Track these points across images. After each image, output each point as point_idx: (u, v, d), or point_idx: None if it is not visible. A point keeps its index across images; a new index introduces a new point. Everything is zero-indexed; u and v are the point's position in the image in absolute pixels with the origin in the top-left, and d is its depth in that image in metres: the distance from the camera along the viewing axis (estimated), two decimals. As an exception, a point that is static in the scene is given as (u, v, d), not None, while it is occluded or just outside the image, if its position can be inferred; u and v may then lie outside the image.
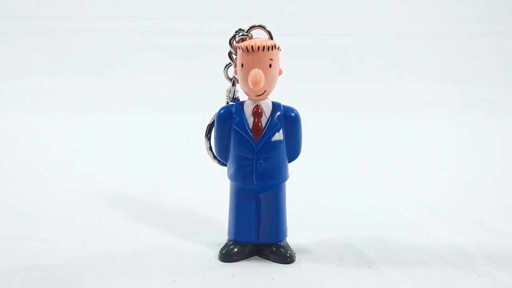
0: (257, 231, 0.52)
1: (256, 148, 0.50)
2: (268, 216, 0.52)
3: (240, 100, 0.52)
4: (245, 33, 0.49)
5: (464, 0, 1.23)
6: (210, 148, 0.54)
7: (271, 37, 0.49)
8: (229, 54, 0.51)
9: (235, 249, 0.52)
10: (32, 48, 1.22)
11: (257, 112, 0.50)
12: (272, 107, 0.50)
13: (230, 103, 0.52)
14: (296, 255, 0.53)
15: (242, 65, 0.48)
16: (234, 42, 0.50)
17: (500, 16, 1.23)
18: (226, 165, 0.53)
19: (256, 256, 0.53)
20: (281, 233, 0.53)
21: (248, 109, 0.50)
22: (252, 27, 0.49)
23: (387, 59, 1.22)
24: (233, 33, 0.50)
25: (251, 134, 0.50)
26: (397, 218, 0.65)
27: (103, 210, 0.67)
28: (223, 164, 0.54)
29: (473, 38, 1.23)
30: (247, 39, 0.49)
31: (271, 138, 0.50)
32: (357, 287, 0.47)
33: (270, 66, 0.48)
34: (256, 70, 0.47)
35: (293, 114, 0.51)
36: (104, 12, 1.23)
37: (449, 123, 1.12)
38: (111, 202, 0.70)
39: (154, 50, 1.22)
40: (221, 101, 0.53)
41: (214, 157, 0.54)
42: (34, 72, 1.21)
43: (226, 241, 0.54)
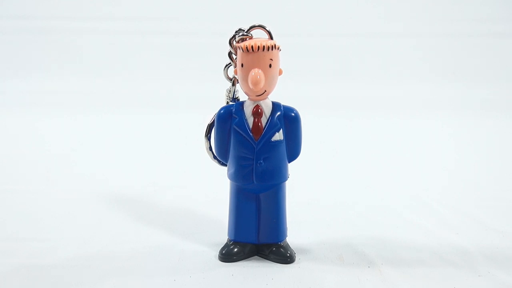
0: (257, 231, 0.52)
1: (256, 148, 0.50)
2: (268, 216, 0.52)
3: (240, 100, 0.52)
4: (245, 33, 0.49)
5: (464, 0, 1.23)
6: (210, 148, 0.54)
7: (271, 37, 0.49)
8: (229, 54, 0.51)
9: (235, 249, 0.52)
10: (32, 48, 1.22)
11: (257, 112, 0.50)
12: (272, 107, 0.50)
13: (230, 103, 0.52)
14: (296, 255, 0.53)
15: (242, 65, 0.48)
16: (234, 42, 0.50)
17: (500, 16, 1.23)
18: (226, 165, 0.53)
19: (256, 256, 0.53)
20: (281, 233, 0.53)
21: (248, 109, 0.50)
22: (252, 27, 0.49)
23: (387, 59, 1.22)
24: (233, 33, 0.50)
25: (251, 134, 0.50)
26: (397, 218, 0.65)
27: (103, 210, 0.67)
28: (223, 164, 0.54)
29: (473, 38, 1.23)
30: (247, 39, 0.49)
31: (271, 138, 0.50)
32: (357, 287, 0.47)
33: (270, 66, 0.48)
34: (256, 70, 0.47)
35: (293, 114, 0.51)
36: (104, 12, 1.23)
37: (449, 123, 1.12)
38: (111, 202, 0.70)
39: (154, 50, 1.22)
40: (221, 101, 0.53)
41: (214, 157, 0.54)
42: (34, 72, 1.21)
43: (226, 241, 0.54)
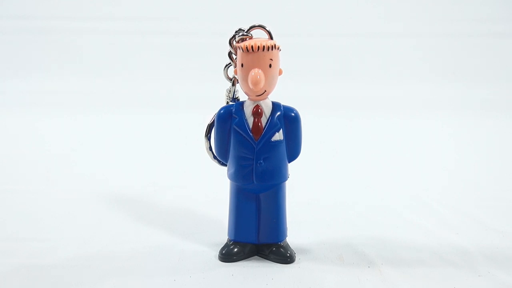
0: (257, 231, 0.52)
1: (256, 148, 0.50)
2: (268, 216, 0.52)
3: (240, 100, 0.52)
4: (245, 33, 0.49)
5: (464, 0, 1.23)
6: (210, 148, 0.54)
7: (271, 37, 0.49)
8: (229, 54, 0.51)
9: (235, 249, 0.52)
10: (32, 48, 1.22)
11: (257, 112, 0.50)
12: (272, 107, 0.50)
13: (230, 103, 0.52)
14: (296, 255, 0.53)
15: (242, 65, 0.48)
16: (234, 42, 0.50)
17: (500, 16, 1.23)
18: (226, 165, 0.53)
19: (256, 256, 0.53)
20: (281, 233, 0.53)
21: (248, 109, 0.50)
22: (252, 27, 0.49)
23: (387, 59, 1.22)
24: (233, 33, 0.50)
25: (251, 134, 0.50)
26: (397, 218, 0.65)
27: (103, 210, 0.67)
28: (223, 164, 0.54)
29: (473, 38, 1.23)
30: (247, 39, 0.49)
31: (271, 138, 0.50)
32: (357, 287, 0.47)
33: (270, 66, 0.48)
34: (256, 70, 0.47)
35: (293, 114, 0.51)
36: (104, 12, 1.23)
37: (449, 123, 1.12)
38: (111, 202, 0.70)
39: (154, 50, 1.22)
40: (221, 101, 0.53)
41: (214, 157, 0.54)
42: (34, 72, 1.21)
43: (226, 241, 0.54)
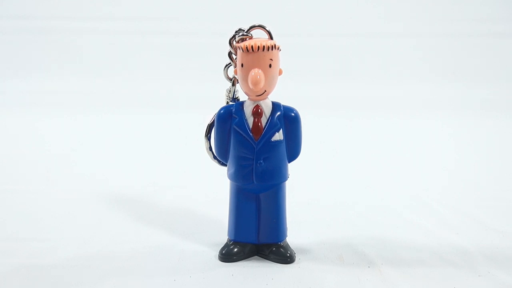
0: (257, 231, 0.52)
1: (256, 148, 0.50)
2: (268, 216, 0.52)
3: (240, 100, 0.52)
4: (245, 33, 0.49)
5: (464, 0, 1.23)
6: (210, 148, 0.54)
7: (271, 37, 0.49)
8: (229, 54, 0.51)
9: (235, 249, 0.52)
10: (32, 48, 1.22)
11: (257, 112, 0.50)
12: (272, 107, 0.50)
13: (230, 103, 0.52)
14: (296, 255, 0.53)
15: (242, 65, 0.48)
16: (234, 42, 0.50)
17: (500, 16, 1.23)
18: (226, 165, 0.53)
19: (256, 256, 0.53)
20: (281, 233, 0.53)
21: (248, 109, 0.50)
22: (252, 27, 0.49)
23: (387, 59, 1.22)
24: (233, 33, 0.50)
25: (251, 134, 0.50)
26: (397, 218, 0.65)
27: (103, 210, 0.67)
28: (223, 164, 0.54)
29: (473, 38, 1.23)
30: (247, 39, 0.49)
31: (271, 138, 0.50)
32: (357, 287, 0.47)
33: (270, 66, 0.48)
34: (256, 70, 0.47)
35: (293, 114, 0.51)
36: (104, 12, 1.23)
37: (449, 123, 1.12)
38: (111, 202, 0.70)
39: (154, 50, 1.22)
40: (221, 101, 0.53)
41: (214, 157, 0.54)
42: (34, 72, 1.21)
43: (226, 241, 0.54)
